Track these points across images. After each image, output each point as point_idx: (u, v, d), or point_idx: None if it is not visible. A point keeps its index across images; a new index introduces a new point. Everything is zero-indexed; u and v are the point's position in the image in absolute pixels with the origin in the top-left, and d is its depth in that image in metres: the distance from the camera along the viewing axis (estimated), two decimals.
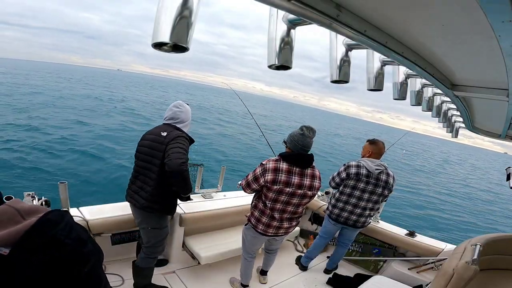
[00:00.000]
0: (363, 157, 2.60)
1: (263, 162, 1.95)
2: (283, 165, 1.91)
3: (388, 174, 2.52)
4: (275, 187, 1.90)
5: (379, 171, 2.47)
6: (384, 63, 1.29)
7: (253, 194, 2.14)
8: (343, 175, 2.55)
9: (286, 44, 0.91)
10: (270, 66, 0.96)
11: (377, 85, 1.31)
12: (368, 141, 2.63)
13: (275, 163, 1.92)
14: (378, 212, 3.16)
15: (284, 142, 2.03)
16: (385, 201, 2.72)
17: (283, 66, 0.94)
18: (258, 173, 1.93)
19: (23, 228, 0.54)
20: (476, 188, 19.89)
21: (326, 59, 1.13)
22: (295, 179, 1.92)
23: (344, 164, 2.61)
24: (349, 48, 1.09)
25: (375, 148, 2.56)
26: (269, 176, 1.89)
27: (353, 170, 2.49)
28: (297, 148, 1.94)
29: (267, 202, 1.97)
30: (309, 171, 1.98)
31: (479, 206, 14.07)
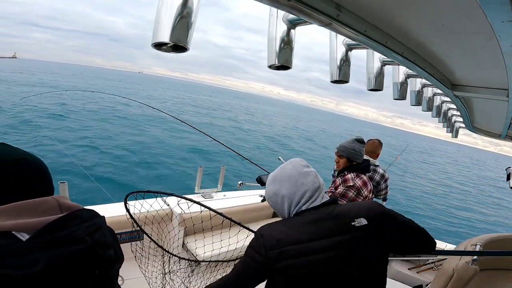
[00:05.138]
0: None
1: (350, 184, 1.91)
2: (364, 177, 1.96)
3: (374, 171, 2.56)
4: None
5: None
6: (384, 63, 1.29)
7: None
8: None
9: (286, 44, 0.91)
10: (270, 66, 0.96)
11: (377, 85, 1.31)
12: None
13: (359, 178, 1.93)
14: None
15: (344, 157, 2.02)
16: (380, 197, 2.71)
17: (283, 66, 0.94)
18: (353, 195, 1.88)
19: (45, 221, 0.54)
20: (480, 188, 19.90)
21: None
22: (369, 186, 1.99)
23: None
24: (349, 48, 1.09)
25: (366, 146, 2.64)
26: (365, 192, 1.91)
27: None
28: (357, 157, 1.97)
29: None
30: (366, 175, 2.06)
31: (479, 205, 14.07)
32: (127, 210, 1.98)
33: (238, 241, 2.81)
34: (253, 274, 0.93)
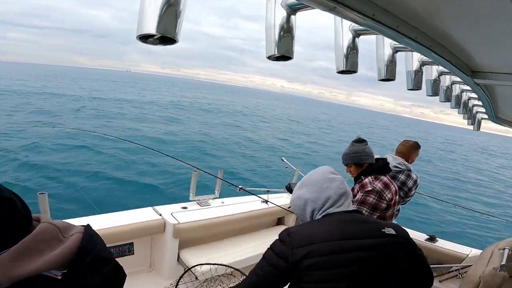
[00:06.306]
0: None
1: (368, 189, 1.90)
2: (384, 178, 1.97)
3: (408, 176, 2.50)
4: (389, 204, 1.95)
5: (398, 170, 2.46)
6: (395, 50, 1.29)
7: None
8: None
9: (286, 32, 0.91)
10: (269, 57, 0.96)
11: (389, 74, 1.30)
12: None
13: (378, 181, 1.93)
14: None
15: (352, 164, 2.02)
16: (403, 203, 2.70)
17: (284, 56, 0.93)
18: (374, 201, 1.88)
19: (70, 248, 0.56)
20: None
21: None
22: (392, 187, 2.00)
23: None
24: (356, 34, 1.09)
25: (398, 146, 2.62)
26: (388, 195, 1.92)
27: None
28: (364, 158, 1.99)
29: None
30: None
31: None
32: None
33: (238, 252, 2.81)
34: (274, 280, 0.98)
